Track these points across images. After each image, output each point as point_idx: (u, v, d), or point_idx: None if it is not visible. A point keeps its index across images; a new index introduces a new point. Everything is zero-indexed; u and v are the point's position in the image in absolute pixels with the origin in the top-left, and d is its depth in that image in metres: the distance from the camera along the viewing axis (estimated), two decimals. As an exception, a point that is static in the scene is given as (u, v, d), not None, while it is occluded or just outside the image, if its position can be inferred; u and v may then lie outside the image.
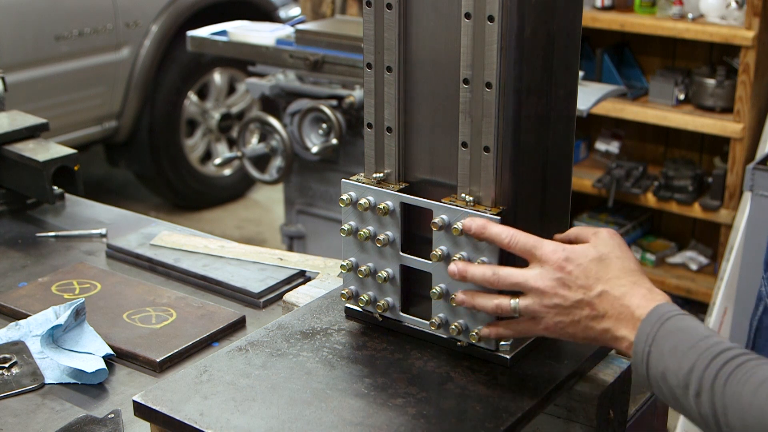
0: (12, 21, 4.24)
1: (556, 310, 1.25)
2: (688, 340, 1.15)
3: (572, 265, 1.24)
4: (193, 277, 1.95)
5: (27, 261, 2.05)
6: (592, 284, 1.23)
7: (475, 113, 1.33)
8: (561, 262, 1.25)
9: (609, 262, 1.25)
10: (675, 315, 1.18)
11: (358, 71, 3.29)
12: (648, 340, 1.17)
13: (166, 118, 5.07)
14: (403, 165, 1.45)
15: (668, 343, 1.15)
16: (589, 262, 1.25)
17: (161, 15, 4.85)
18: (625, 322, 1.22)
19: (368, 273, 1.46)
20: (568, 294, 1.24)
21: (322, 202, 3.68)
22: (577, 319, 1.24)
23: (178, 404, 1.29)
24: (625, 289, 1.23)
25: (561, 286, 1.24)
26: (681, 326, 1.17)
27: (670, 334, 1.16)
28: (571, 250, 1.25)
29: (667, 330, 1.17)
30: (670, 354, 1.15)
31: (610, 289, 1.23)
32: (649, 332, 1.18)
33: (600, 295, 1.23)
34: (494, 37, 1.29)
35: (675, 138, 4.26)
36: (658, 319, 1.18)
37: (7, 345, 1.66)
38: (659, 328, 1.17)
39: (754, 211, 2.91)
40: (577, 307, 1.24)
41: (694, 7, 3.89)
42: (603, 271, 1.24)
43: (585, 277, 1.24)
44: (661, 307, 1.20)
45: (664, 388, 1.16)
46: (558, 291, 1.24)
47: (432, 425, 1.26)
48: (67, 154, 2.20)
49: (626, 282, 1.23)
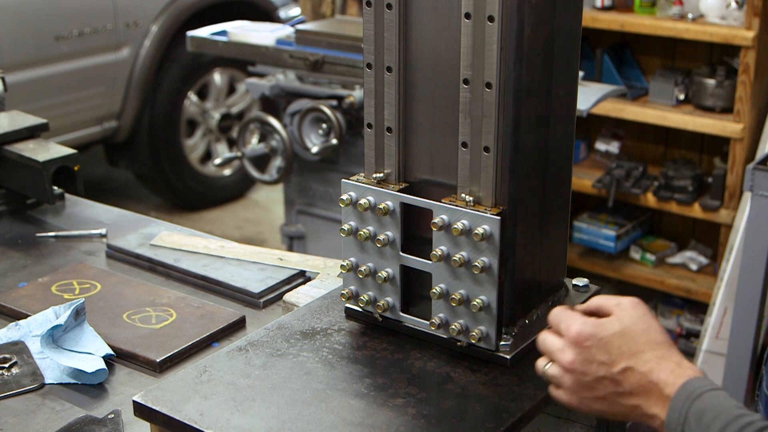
0: (12, 21, 4.24)
1: (580, 384, 1.21)
2: (719, 420, 1.10)
3: (592, 341, 1.20)
4: (193, 277, 1.95)
5: (27, 261, 2.05)
6: (615, 360, 1.19)
7: (475, 113, 1.33)
8: (580, 338, 1.20)
9: (633, 336, 1.20)
10: (705, 392, 1.14)
11: (358, 71, 3.29)
12: (680, 419, 1.13)
13: (166, 118, 5.07)
14: (403, 165, 1.45)
15: (701, 423, 1.11)
16: (611, 337, 1.20)
17: (161, 15, 4.85)
18: (654, 400, 1.17)
19: (368, 273, 1.46)
20: (589, 370, 1.20)
21: (322, 202, 3.68)
22: (603, 395, 1.20)
23: (178, 404, 1.29)
24: (652, 365, 1.18)
25: (582, 363, 1.20)
26: (712, 405, 1.12)
27: (702, 413, 1.12)
28: (592, 325, 1.21)
29: (699, 409, 1.12)
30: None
31: (635, 365, 1.18)
32: (680, 412, 1.13)
33: (624, 371, 1.18)
34: (494, 37, 1.29)
35: (675, 138, 4.26)
36: (688, 398, 1.13)
37: (7, 345, 1.66)
38: (690, 407, 1.13)
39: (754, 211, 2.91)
40: (599, 383, 1.20)
41: (694, 7, 3.89)
42: (627, 345, 1.19)
43: (607, 353, 1.19)
44: (689, 384, 1.15)
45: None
46: (577, 367, 1.20)
47: (432, 425, 1.26)
48: (67, 154, 2.20)
49: (652, 357, 1.18)
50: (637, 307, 1.23)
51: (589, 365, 1.20)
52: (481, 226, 1.33)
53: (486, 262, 1.33)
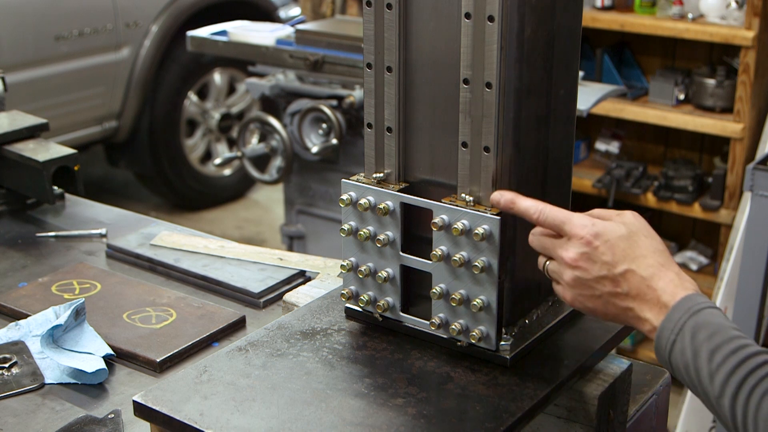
0: (12, 21, 4.24)
1: (579, 281, 1.23)
2: (714, 339, 1.12)
3: (599, 241, 1.22)
4: (193, 277, 1.95)
5: (27, 261, 2.05)
6: (617, 261, 1.21)
7: (475, 113, 1.33)
8: (589, 236, 1.22)
9: (637, 240, 1.22)
10: (704, 308, 1.16)
11: (358, 71, 3.29)
12: (674, 329, 1.15)
13: (166, 118, 5.07)
14: (403, 165, 1.45)
15: (695, 339, 1.13)
16: (618, 239, 1.22)
17: (161, 15, 4.85)
18: (650, 305, 1.19)
19: (368, 273, 1.46)
20: (591, 268, 1.22)
21: (322, 202, 3.68)
22: (599, 294, 1.23)
23: (178, 404, 1.29)
24: (653, 270, 1.20)
25: (585, 260, 1.22)
26: (710, 322, 1.14)
27: (697, 328, 1.14)
28: (601, 226, 1.23)
29: (696, 324, 1.14)
30: (694, 351, 1.13)
31: (637, 268, 1.20)
32: (676, 323, 1.15)
33: (624, 273, 1.20)
34: (494, 37, 1.29)
35: (675, 138, 4.26)
36: (687, 311, 1.16)
37: (7, 345, 1.66)
38: (687, 320, 1.15)
39: (754, 211, 2.91)
40: (599, 282, 1.22)
41: (694, 7, 3.89)
42: (630, 249, 1.21)
43: (611, 253, 1.21)
44: (691, 297, 1.17)
45: (686, 378, 1.15)
46: (580, 264, 1.22)
47: (432, 425, 1.26)
48: (67, 154, 2.20)
49: (654, 263, 1.21)
50: (639, 218, 1.26)
51: (593, 264, 1.22)
52: (481, 226, 1.33)
53: (486, 262, 1.33)
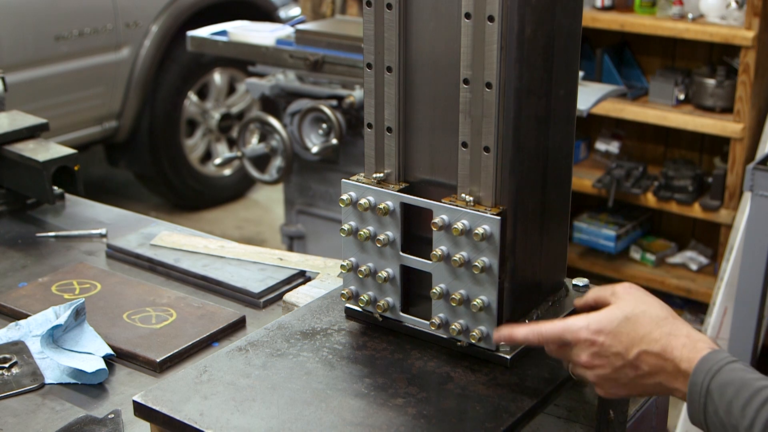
0: (12, 21, 4.24)
1: (603, 378, 1.25)
2: (742, 394, 1.13)
3: (602, 336, 1.23)
4: (193, 277, 1.95)
5: (27, 261, 2.05)
6: (627, 348, 1.22)
7: (475, 113, 1.33)
8: (591, 336, 1.24)
9: (637, 320, 1.23)
10: (723, 366, 1.16)
11: (358, 71, 3.29)
12: (701, 393, 1.16)
13: (166, 118, 5.07)
14: (403, 165, 1.45)
15: (723, 398, 1.14)
16: (618, 327, 1.23)
17: (161, 15, 4.85)
18: (674, 376, 1.20)
19: (368, 273, 1.46)
20: (606, 363, 1.24)
21: (322, 202, 3.68)
22: (625, 382, 1.24)
23: (178, 404, 1.29)
24: (663, 343, 1.21)
25: (598, 359, 1.24)
26: (733, 379, 1.15)
27: (723, 388, 1.15)
28: (596, 321, 1.24)
29: (720, 384, 1.15)
30: (725, 411, 1.14)
31: (648, 347, 1.21)
32: (701, 387, 1.16)
33: (639, 356, 1.22)
34: (494, 37, 1.29)
35: (675, 138, 4.26)
36: (707, 373, 1.16)
37: (7, 345, 1.66)
38: (710, 383, 1.16)
39: (754, 211, 2.91)
40: (620, 371, 1.23)
41: (694, 7, 3.89)
42: (634, 331, 1.22)
43: (618, 343, 1.22)
44: (707, 359, 1.18)
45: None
46: (596, 363, 1.24)
47: (432, 425, 1.26)
48: (67, 154, 2.20)
49: (661, 335, 1.21)
50: (631, 291, 1.27)
51: (606, 359, 1.23)
52: (481, 226, 1.33)
53: (486, 262, 1.33)
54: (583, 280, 1.55)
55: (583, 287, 1.54)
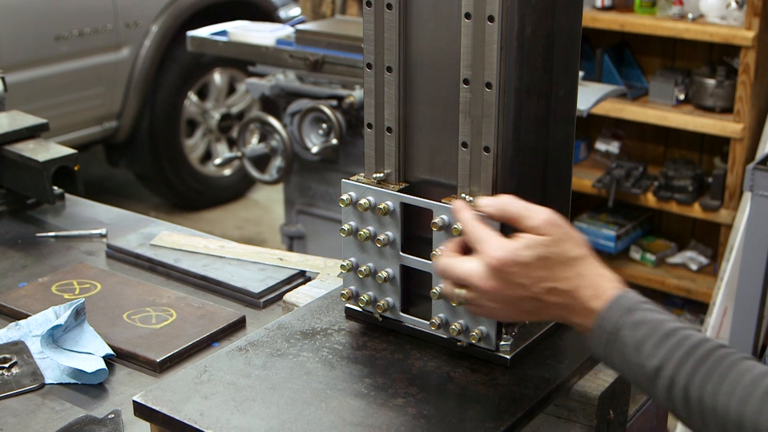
0: (12, 21, 4.24)
1: (501, 305, 1.23)
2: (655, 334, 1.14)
3: (514, 268, 1.21)
4: (193, 277, 1.95)
5: (27, 261, 2.05)
6: (535, 282, 1.21)
7: (475, 113, 1.33)
8: (502, 264, 1.21)
9: (549, 259, 1.21)
10: (639, 306, 1.17)
11: (358, 71, 3.29)
12: (611, 330, 1.17)
13: (166, 118, 5.07)
14: (403, 165, 1.45)
15: (633, 337, 1.15)
16: (531, 260, 1.20)
17: (161, 15, 4.85)
18: (578, 312, 1.21)
19: (368, 273, 1.46)
20: (511, 293, 1.22)
21: (322, 202, 3.68)
22: (526, 309, 1.24)
23: (178, 404, 1.29)
24: (573, 283, 1.21)
25: (505, 287, 1.22)
26: (646, 318, 1.16)
27: (635, 326, 1.15)
28: (511, 250, 1.21)
29: (633, 322, 1.16)
30: (635, 349, 1.14)
31: (557, 284, 1.21)
32: (611, 324, 1.17)
33: (546, 291, 1.21)
34: (494, 37, 1.28)
35: (675, 138, 4.26)
36: (620, 310, 1.17)
37: (7, 345, 1.66)
38: (623, 322, 1.16)
39: (754, 211, 2.91)
40: (522, 301, 1.22)
41: (694, 7, 3.89)
42: (546, 271, 1.21)
43: (527, 276, 1.21)
44: (622, 297, 1.18)
45: (627, 374, 1.17)
46: (501, 291, 1.22)
47: (432, 425, 1.25)
48: (67, 154, 2.20)
49: (572, 275, 1.21)
50: (550, 226, 1.22)
51: (511, 289, 1.22)
52: (481, 226, 1.32)
53: (485, 262, 1.33)
54: (583, 280, 1.54)
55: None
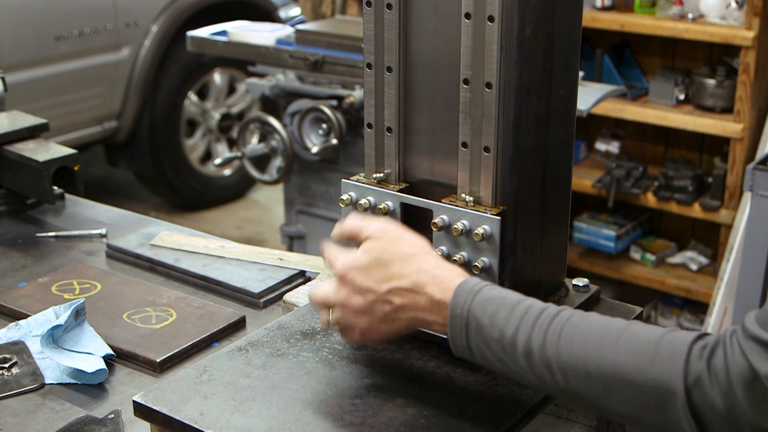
0: (12, 21, 4.24)
1: (360, 315, 1.29)
2: (504, 307, 1.19)
3: (354, 273, 1.28)
4: (193, 277, 1.95)
5: (27, 261, 2.05)
6: (378, 284, 1.27)
7: (475, 113, 1.33)
8: (343, 274, 1.29)
9: (386, 261, 1.27)
10: (483, 287, 1.22)
11: (358, 71, 3.30)
12: (464, 315, 1.21)
13: (166, 118, 5.07)
14: (403, 165, 1.45)
15: (485, 314, 1.19)
16: (369, 266, 1.28)
17: (161, 15, 4.85)
18: (429, 308, 1.25)
19: (368, 273, 1.46)
20: (361, 299, 1.28)
21: (322, 202, 3.68)
22: (382, 317, 1.28)
23: (178, 404, 1.29)
24: (413, 279, 1.25)
25: (353, 294, 1.28)
26: (493, 295, 1.21)
27: (484, 304, 1.20)
28: (350, 258, 1.29)
29: (481, 301, 1.20)
30: (489, 323, 1.19)
31: (398, 284, 1.26)
32: (462, 309, 1.21)
33: (389, 292, 1.26)
34: (494, 37, 1.29)
35: (675, 138, 4.26)
36: (468, 294, 1.21)
37: (7, 345, 1.66)
38: (471, 303, 1.21)
39: (754, 211, 2.91)
40: (375, 306, 1.28)
41: (694, 7, 3.89)
42: (384, 270, 1.27)
43: (369, 278, 1.27)
44: (465, 284, 1.23)
45: (489, 355, 1.20)
46: (352, 299, 1.29)
47: (432, 425, 1.26)
48: (67, 154, 2.20)
49: (411, 271, 1.26)
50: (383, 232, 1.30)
51: (360, 294, 1.28)
52: (481, 226, 1.33)
53: (486, 263, 1.33)
54: (583, 280, 1.55)
55: (583, 287, 1.54)
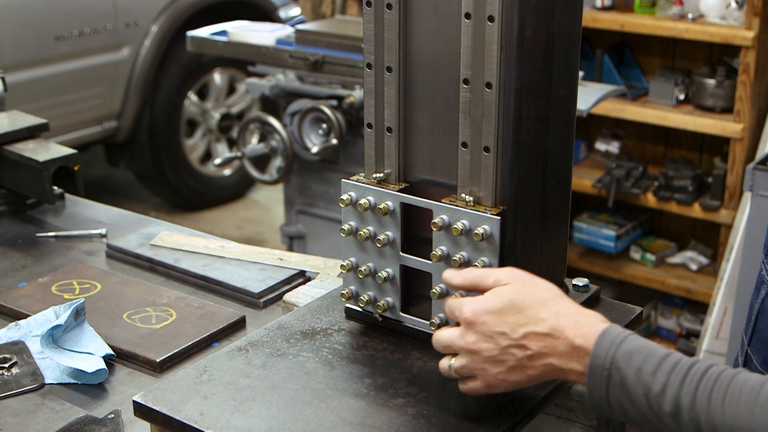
0: (12, 21, 4.24)
1: (489, 362, 1.21)
2: (650, 361, 1.13)
3: (485, 316, 1.20)
4: (193, 277, 1.95)
5: (27, 261, 2.05)
6: (513, 328, 1.19)
7: (475, 113, 1.33)
8: (473, 317, 1.21)
9: (521, 304, 1.20)
10: (626, 337, 1.15)
11: (358, 71, 3.29)
12: (605, 366, 1.14)
13: (166, 118, 5.07)
14: (403, 165, 1.45)
15: (630, 366, 1.13)
16: (502, 309, 1.20)
17: (161, 15, 4.85)
18: (567, 355, 1.17)
19: (368, 273, 1.46)
20: (492, 345, 1.20)
21: (322, 202, 3.68)
22: (514, 365, 1.20)
23: (178, 404, 1.29)
24: (552, 323, 1.18)
25: (484, 340, 1.20)
26: (637, 347, 1.14)
27: (629, 356, 1.13)
28: (481, 303, 1.21)
29: (625, 352, 1.14)
30: (635, 377, 1.12)
31: (534, 328, 1.19)
32: (604, 360, 1.14)
33: (526, 336, 1.19)
34: (494, 37, 1.29)
35: (675, 138, 4.26)
36: (612, 344, 1.15)
37: (7, 345, 1.66)
38: (615, 353, 1.14)
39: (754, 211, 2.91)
40: (507, 353, 1.20)
41: (694, 7, 3.89)
42: (519, 314, 1.20)
43: (503, 323, 1.20)
44: (608, 332, 1.16)
45: (631, 409, 1.13)
46: (482, 345, 1.20)
47: (432, 425, 1.26)
48: (67, 154, 2.20)
49: (548, 315, 1.19)
50: (514, 277, 1.24)
51: (492, 339, 1.20)
52: (481, 226, 1.33)
53: (486, 263, 1.33)
54: (583, 280, 1.55)
55: (583, 287, 1.54)
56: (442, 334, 1.26)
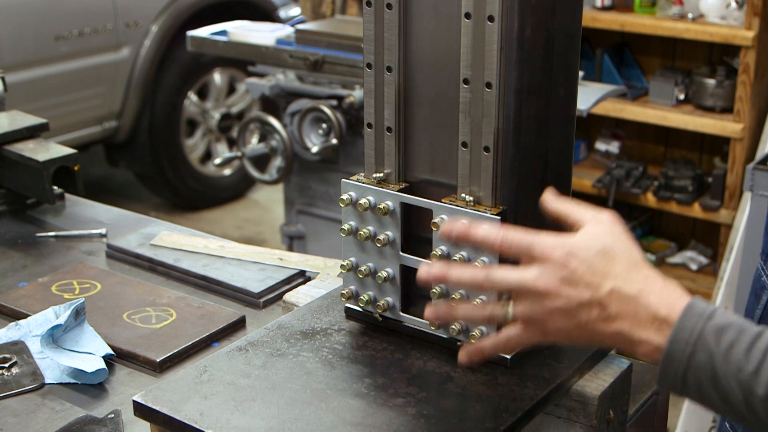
0: (12, 21, 4.24)
1: (560, 312, 1.08)
2: (744, 338, 1.01)
3: (577, 261, 1.07)
4: (193, 277, 1.95)
5: (27, 261, 2.05)
6: (600, 282, 1.06)
7: (475, 113, 1.33)
8: (564, 258, 1.07)
9: (615, 255, 1.08)
10: (716, 310, 1.04)
11: (358, 71, 3.29)
12: (691, 341, 1.02)
13: (166, 118, 5.08)
14: (403, 165, 1.45)
15: (720, 344, 1.01)
16: (595, 257, 1.07)
17: (161, 15, 4.85)
18: (645, 323, 1.06)
19: (368, 273, 1.46)
20: (573, 294, 1.07)
21: (322, 202, 3.68)
22: (584, 322, 1.08)
23: (178, 404, 1.29)
24: (640, 286, 1.07)
25: (566, 286, 1.07)
26: (729, 321, 1.03)
27: (720, 331, 1.02)
28: (573, 244, 1.08)
29: (716, 327, 1.02)
30: (724, 355, 1.01)
31: (622, 286, 1.06)
32: (691, 332, 1.03)
33: (610, 293, 1.06)
34: (494, 37, 1.29)
35: (675, 138, 4.26)
36: (700, 316, 1.03)
37: (7, 345, 1.66)
38: (705, 327, 1.02)
39: (754, 211, 2.91)
40: (584, 309, 1.07)
41: (694, 7, 3.89)
42: (610, 266, 1.07)
43: (592, 273, 1.07)
44: (696, 304, 1.05)
45: (709, 392, 1.03)
46: (563, 291, 1.07)
47: (432, 425, 1.26)
48: (67, 154, 2.20)
49: (638, 277, 1.07)
50: (615, 225, 1.12)
51: (575, 288, 1.07)
52: (481, 226, 1.32)
53: (486, 262, 1.33)
54: (583, 280, 1.54)
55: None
56: (507, 272, 1.11)
